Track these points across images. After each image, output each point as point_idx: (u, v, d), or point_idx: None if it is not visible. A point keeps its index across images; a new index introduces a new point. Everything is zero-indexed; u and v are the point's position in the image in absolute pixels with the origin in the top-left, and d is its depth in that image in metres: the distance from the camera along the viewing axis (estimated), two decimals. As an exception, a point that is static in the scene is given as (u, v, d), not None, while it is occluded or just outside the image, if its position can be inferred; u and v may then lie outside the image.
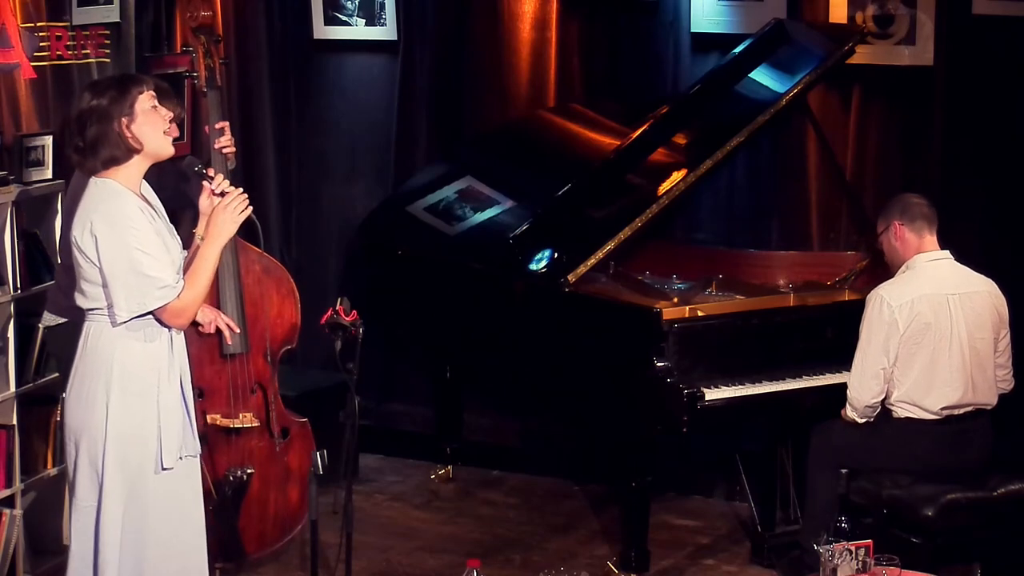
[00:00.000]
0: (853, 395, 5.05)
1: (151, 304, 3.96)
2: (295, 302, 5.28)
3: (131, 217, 3.96)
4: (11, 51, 5.53)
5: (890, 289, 5.05)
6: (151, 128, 4.01)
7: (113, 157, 3.98)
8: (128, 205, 3.98)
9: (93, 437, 4.00)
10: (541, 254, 5.56)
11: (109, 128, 3.96)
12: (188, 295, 4.02)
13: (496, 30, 6.66)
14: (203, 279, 4.05)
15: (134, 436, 4.02)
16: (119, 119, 3.97)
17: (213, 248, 4.06)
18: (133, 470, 4.02)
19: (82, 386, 4.03)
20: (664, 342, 5.15)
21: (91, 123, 3.96)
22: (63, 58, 5.87)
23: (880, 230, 5.20)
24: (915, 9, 5.96)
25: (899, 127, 6.13)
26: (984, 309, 5.09)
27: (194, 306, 4.06)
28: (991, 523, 4.99)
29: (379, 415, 6.90)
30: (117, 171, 4.01)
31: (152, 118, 4.01)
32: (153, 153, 4.05)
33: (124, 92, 3.99)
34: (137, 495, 4.03)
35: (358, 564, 5.23)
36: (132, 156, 4.00)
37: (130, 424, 4.01)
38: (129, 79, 4.08)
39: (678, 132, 5.83)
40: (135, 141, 3.99)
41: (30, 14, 5.69)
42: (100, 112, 3.97)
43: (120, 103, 3.98)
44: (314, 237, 7.11)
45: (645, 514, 5.42)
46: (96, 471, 4.01)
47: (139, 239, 3.94)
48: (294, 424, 5.26)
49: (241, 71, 6.96)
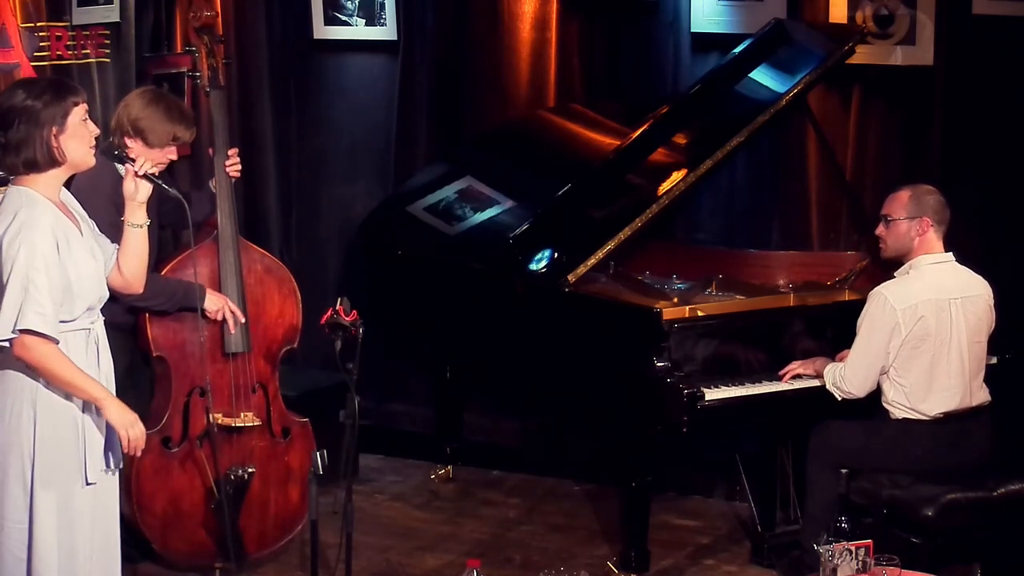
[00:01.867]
0: (844, 384, 5.04)
1: (23, 321, 3.76)
2: (296, 302, 5.29)
3: (41, 232, 3.81)
4: (11, 51, 5.54)
5: (894, 290, 5.03)
6: (78, 142, 3.88)
7: (33, 162, 3.85)
8: (42, 218, 3.83)
9: (21, 454, 3.88)
10: (541, 254, 5.56)
11: (37, 133, 3.83)
12: (44, 350, 3.80)
13: (496, 30, 6.66)
14: (61, 375, 3.85)
15: (60, 450, 3.91)
16: (49, 127, 3.84)
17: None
18: (61, 485, 3.92)
19: (5, 402, 3.90)
20: (664, 342, 5.15)
21: (19, 122, 3.83)
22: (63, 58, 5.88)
23: (902, 215, 5.07)
24: (915, 9, 5.96)
25: (899, 127, 6.14)
26: (983, 313, 5.10)
27: (40, 359, 3.80)
28: (991, 523, 4.99)
29: (379, 415, 6.90)
30: (37, 178, 3.88)
31: (81, 132, 3.89)
32: (75, 165, 3.93)
33: (60, 100, 3.85)
34: (66, 510, 3.94)
35: (358, 564, 5.23)
36: (52, 167, 3.88)
37: (55, 438, 3.90)
38: (66, 88, 3.93)
39: (678, 132, 5.83)
40: (59, 152, 3.86)
41: (30, 14, 5.70)
42: (31, 115, 3.83)
43: (53, 111, 3.84)
44: (314, 237, 7.11)
45: (645, 514, 5.42)
46: (25, 489, 3.89)
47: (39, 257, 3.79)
48: (295, 424, 5.27)
49: (241, 71, 6.96)
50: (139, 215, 4.04)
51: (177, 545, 5.11)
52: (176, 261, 5.05)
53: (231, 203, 5.16)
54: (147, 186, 4.03)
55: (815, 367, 5.19)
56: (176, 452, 5.04)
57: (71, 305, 3.89)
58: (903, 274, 5.11)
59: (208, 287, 5.03)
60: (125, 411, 3.95)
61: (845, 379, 5.05)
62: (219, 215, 5.12)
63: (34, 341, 3.80)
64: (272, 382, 5.22)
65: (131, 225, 4.04)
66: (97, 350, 4.00)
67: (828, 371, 5.10)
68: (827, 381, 5.10)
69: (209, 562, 5.17)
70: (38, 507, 3.90)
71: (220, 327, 5.05)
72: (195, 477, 5.06)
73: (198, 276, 5.03)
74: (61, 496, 3.93)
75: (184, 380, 5.02)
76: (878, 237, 5.18)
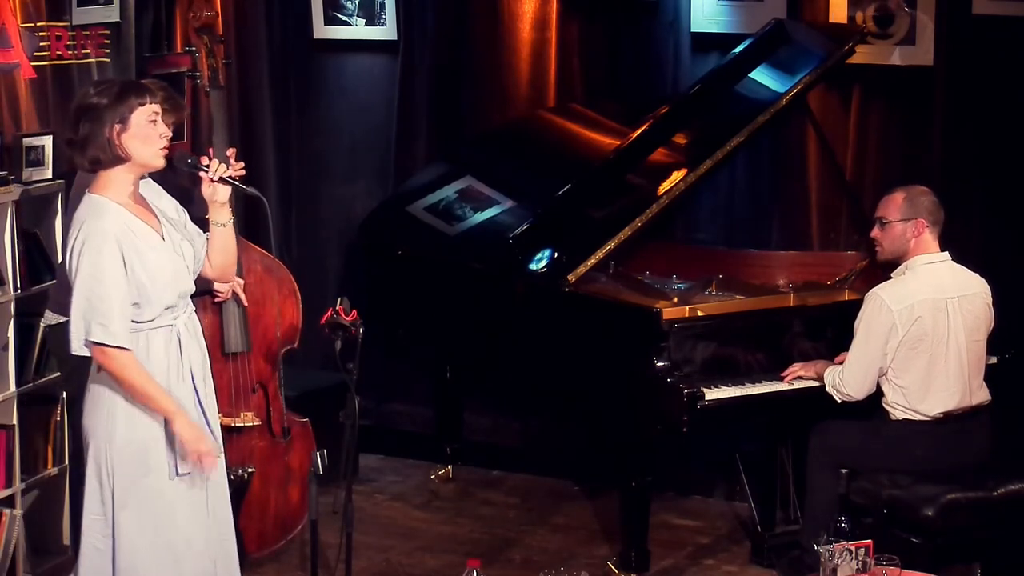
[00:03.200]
0: (842, 386, 5.04)
1: (90, 334, 3.86)
2: (296, 302, 5.29)
3: (104, 241, 3.87)
4: (11, 51, 5.54)
5: (890, 291, 5.03)
6: (141, 142, 3.93)
7: (97, 160, 3.92)
8: (107, 229, 3.89)
9: (99, 446, 3.98)
10: (541, 254, 5.56)
11: (100, 131, 3.90)
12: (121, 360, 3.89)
13: (496, 30, 6.66)
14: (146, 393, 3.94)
15: (143, 443, 3.98)
16: (111, 125, 3.90)
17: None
18: (145, 478, 3.99)
19: (93, 393, 4.01)
20: (664, 342, 5.15)
21: (84, 120, 3.91)
22: (63, 58, 5.87)
23: (897, 217, 5.09)
24: (915, 9, 5.96)
25: (899, 127, 6.14)
26: (980, 311, 5.09)
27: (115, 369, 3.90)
28: (991, 523, 4.99)
29: (379, 415, 6.90)
30: (107, 182, 3.95)
31: (147, 132, 3.93)
32: (142, 165, 3.98)
33: (122, 100, 3.91)
34: (156, 501, 4.00)
35: (358, 564, 5.23)
36: (117, 164, 3.94)
37: (138, 431, 3.98)
38: (132, 87, 3.99)
39: (678, 132, 5.83)
40: (122, 151, 3.92)
41: (30, 14, 5.69)
42: (95, 112, 3.91)
43: (115, 109, 3.91)
44: (314, 237, 7.11)
45: (645, 514, 5.42)
46: (101, 481, 3.99)
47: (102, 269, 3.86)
48: (295, 424, 5.27)
49: (241, 71, 6.95)
50: (223, 214, 4.15)
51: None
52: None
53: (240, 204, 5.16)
54: (225, 188, 4.12)
55: (816, 370, 5.19)
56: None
57: (148, 307, 3.96)
58: (899, 275, 5.11)
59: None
60: (192, 427, 4.00)
61: (844, 382, 5.05)
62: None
63: (112, 352, 3.89)
64: (272, 382, 5.22)
65: (216, 224, 4.15)
66: (179, 345, 4.05)
67: (828, 374, 5.11)
68: (827, 384, 5.10)
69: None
70: (117, 500, 3.97)
71: (220, 328, 5.05)
72: (195, 477, 5.05)
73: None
74: (146, 488, 3.98)
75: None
76: (874, 240, 5.18)
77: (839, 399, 5.08)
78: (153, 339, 3.99)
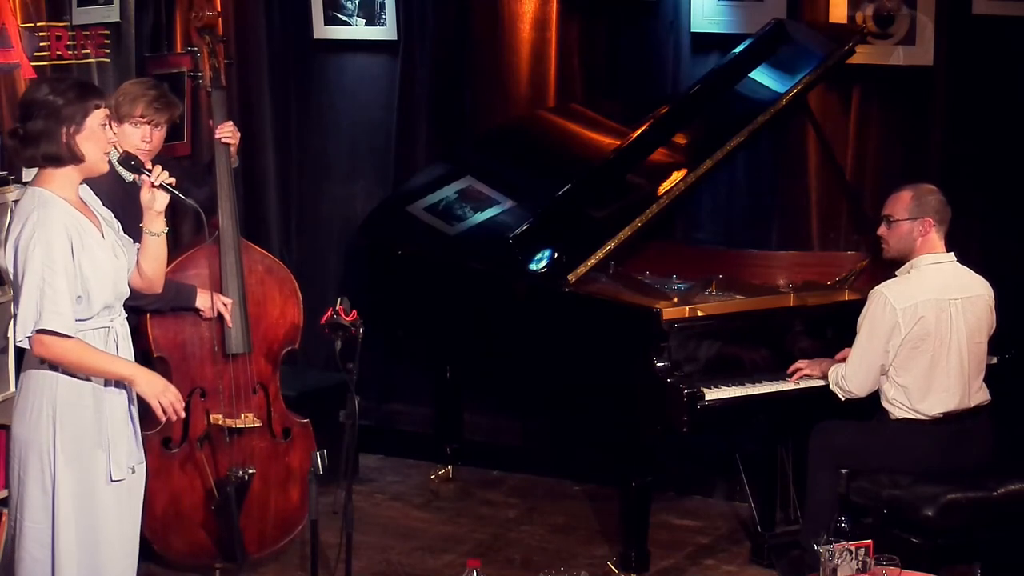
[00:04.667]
0: (845, 383, 5.04)
1: (42, 322, 3.81)
2: (297, 302, 5.29)
3: (55, 231, 3.85)
4: (11, 51, 5.54)
5: (894, 289, 5.03)
6: (94, 145, 3.92)
7: (55, 156, 3.89)
8: (56, 218, 3.87)
9: (41, 454, 3.92)
10: (541, 254, 5.56)
11: (56, 130, 3.87)
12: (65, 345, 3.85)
13: (496, 30, 6.66)
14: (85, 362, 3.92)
15: (81, 449, 3.94)
16: (68, 125, 3.88)
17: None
18: (83, 484, 3.95)
19: (26, 401, 3.94)
20: (664, 342, 5.15)
21: (39, 116, 3.86)
22: (63, 58, 5.88)
23: (904, 216, 5.07)
24: (915, 9, 5.96)
25: (899, 127, 6.14)
26: (982, 313, 5.10)
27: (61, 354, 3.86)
28: (991, 523, 4.99)
29: (379, 415, 6.90)
30: (53, 177, 3.92)
31: (98, 136, 3.92)
32: (89, 168, 3.96)
33: (82, 101, 3.89)
34: (88, 509, 3.96)
35: (358, 564, 5.23)
36: (71, 163, 3.91)
37: (76, 437, 3.93)
38: (91, 90, 3.98)
39: (678, 132, 5.83)
40: (77, 150, 3.90)
41: (30, 14, 5.70)
42: (52, 110, 3.87)
43: (74, 110, 3.88)
44: (314, 237, 7.11)
45: (645, 514, 5.42)
46: (45, 490, 3.92)
47: (54, 258, 3.83)
48: (296, 424, 5.27)
49: (241, 71, 6.95)
50: (158, 224, 4.11)
51: (177, 545, 5.12)
52: (177, 263, 5.05)
53: (233, 203, 5.16)
54: (164, 196, 4.09)
55: (821, 368, 5.19)
56: (176, 453, 5.04)
57: (88, 304, 3.93)
58: (904, 273, 5.11)
59: (210, 288, 5.03)
60: (154, 379, 4.01)
61: (846, 379, 5.05)
62: (220, 216, 5.12)
63: (52, 339, 3.84)
64: (273, 383, 5.22)
65: (150, 233, 4.10)
66: (116, 348, 4.03)
67: (831, 373, 5.11)
68: (830, 382, 5.11)
69: (209, 562, 5.17)
70: (60, 507, 3.92)
71: (221, 328, 5.05)
72: (195, 478, 5.06)
73: (200, 278, 5.03)
74: (83, 495, 3.95)
75: (185, 381, 5.02)
76: (880, 237, 5.18)
77: (843, 396, 5.09)
78: (89, 339, 3.95)
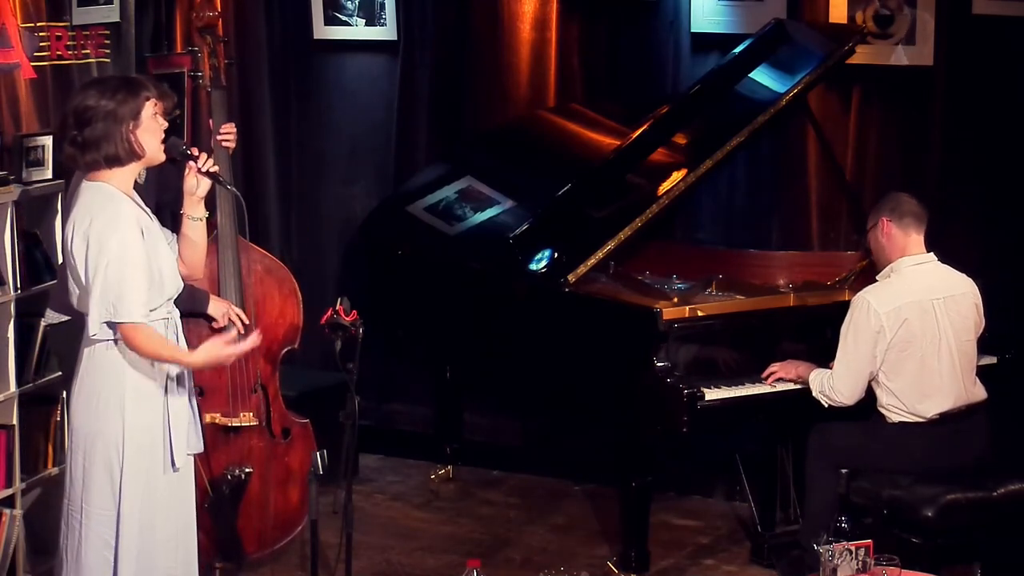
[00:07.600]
0: (833, 393, 5.04)
1: (120, 314, 3.91)
2: (297, 302, 5.29)
3: (128, 225, 3.95)
4: (11, 51, 5.54)
5: (876, 294, 5.04)
6: (151, 136, 4.02)
7: (116, 156, 3.97)
8: (126, 213, 3.97)
9: (108, 444, 4.00)
10: (541, 254, 5.56)
11: (116, 129, 3.95)
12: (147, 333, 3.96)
13: (496, 30, 6.66)
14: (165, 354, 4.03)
15: (149, 439, 4.03)
16: (127, 122, 3.96)
17: None
18: (148, 472, 4.04)
19: (92, 393, 4.02)
20: (664, 342, 5.15)
21: (96, 120, 3.94)
22: (63, 58, 5.88)
23: (869, 226, 5.18)
24: (915, 9, 5.96)
25: (899, 127, 6.14)
26: (968, 311, 5.09)
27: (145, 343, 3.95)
28: (991, 523, 4.99)
29: (379, 415, 6.90)
30: (112, 174, 4.01)
31: (154, 127, 4.02)
32: (149, 160, 4.07)
33: (135, 97, 3.98)
34: (148, 496, 4.05)
35: (358, 564, 5.23)
36: (132, 160, 4.01)
37: (145, 428, 4.02)
38: (138, 84, 4.05)
39: (678, 132, 5.83)
40: (138, 147, 3.99)
41: (30, 14, 5.70)
42: (108, 112, 3.95)
43: (129, 107, 3.97)
44: (314, 237, 7.11)
45: (645, 514, 5.42)
46: (113, 478, 4.00)
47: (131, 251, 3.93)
48: (295, 425, 5.26)
49: (241, 71, 6.95)
50: (199, 209, 4.20)
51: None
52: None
53: (231, 203, 5.16)
54: (207, 182, 4.18)
55: (797, 372, 5.18)
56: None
57: (158, 294, 4.02)
58: (884, 277, 5.12)
59: (207, 288, 5.03)
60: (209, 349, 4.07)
61: (834, 389, 5.04)
62: (219, 215, 5.12)
63: (136, 328, 3.93)
64: (272, 382, 5.22)
65: (191, 218, 4.19)
66: (176, 337, 4.12)
67: (815, 379, 5.10)
68: (814, 390, 5.09)
69: (208, 562, 5.17)
70: (126, 495, 4.01)
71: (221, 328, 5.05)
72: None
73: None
74: (147, 482, 4.04)
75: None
76: None
77: (827, 404, 5.08)
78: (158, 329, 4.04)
